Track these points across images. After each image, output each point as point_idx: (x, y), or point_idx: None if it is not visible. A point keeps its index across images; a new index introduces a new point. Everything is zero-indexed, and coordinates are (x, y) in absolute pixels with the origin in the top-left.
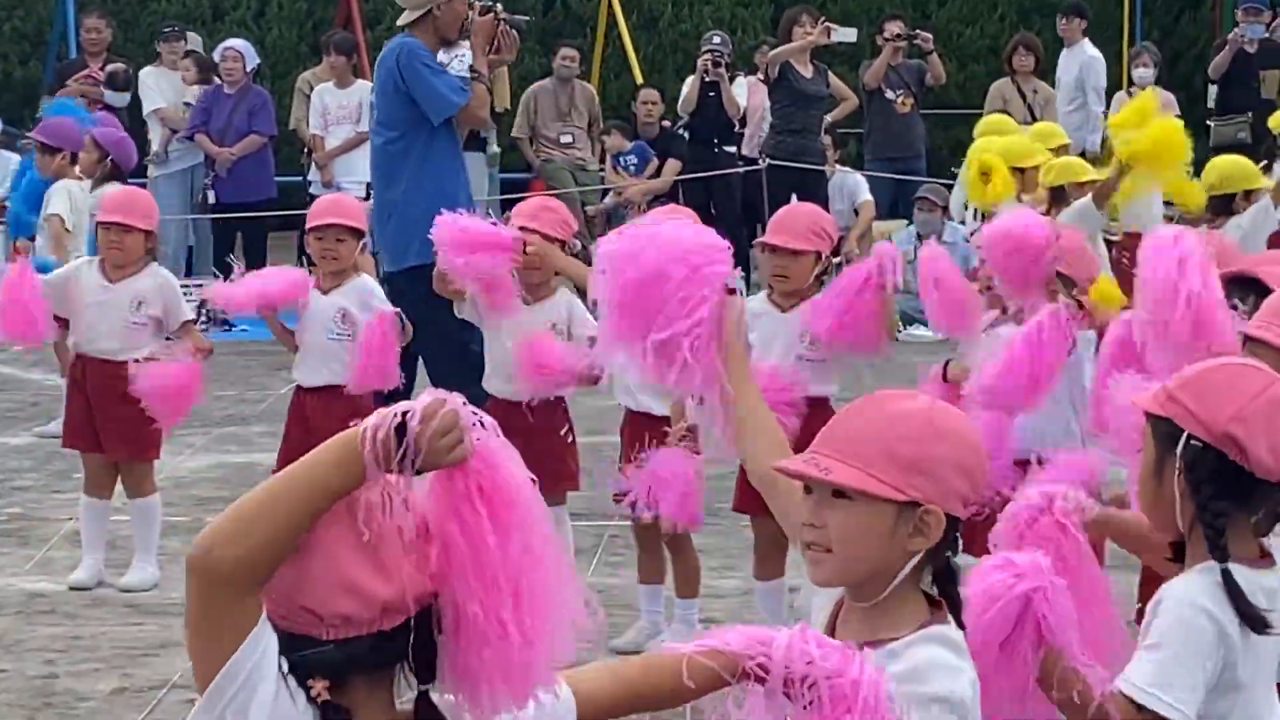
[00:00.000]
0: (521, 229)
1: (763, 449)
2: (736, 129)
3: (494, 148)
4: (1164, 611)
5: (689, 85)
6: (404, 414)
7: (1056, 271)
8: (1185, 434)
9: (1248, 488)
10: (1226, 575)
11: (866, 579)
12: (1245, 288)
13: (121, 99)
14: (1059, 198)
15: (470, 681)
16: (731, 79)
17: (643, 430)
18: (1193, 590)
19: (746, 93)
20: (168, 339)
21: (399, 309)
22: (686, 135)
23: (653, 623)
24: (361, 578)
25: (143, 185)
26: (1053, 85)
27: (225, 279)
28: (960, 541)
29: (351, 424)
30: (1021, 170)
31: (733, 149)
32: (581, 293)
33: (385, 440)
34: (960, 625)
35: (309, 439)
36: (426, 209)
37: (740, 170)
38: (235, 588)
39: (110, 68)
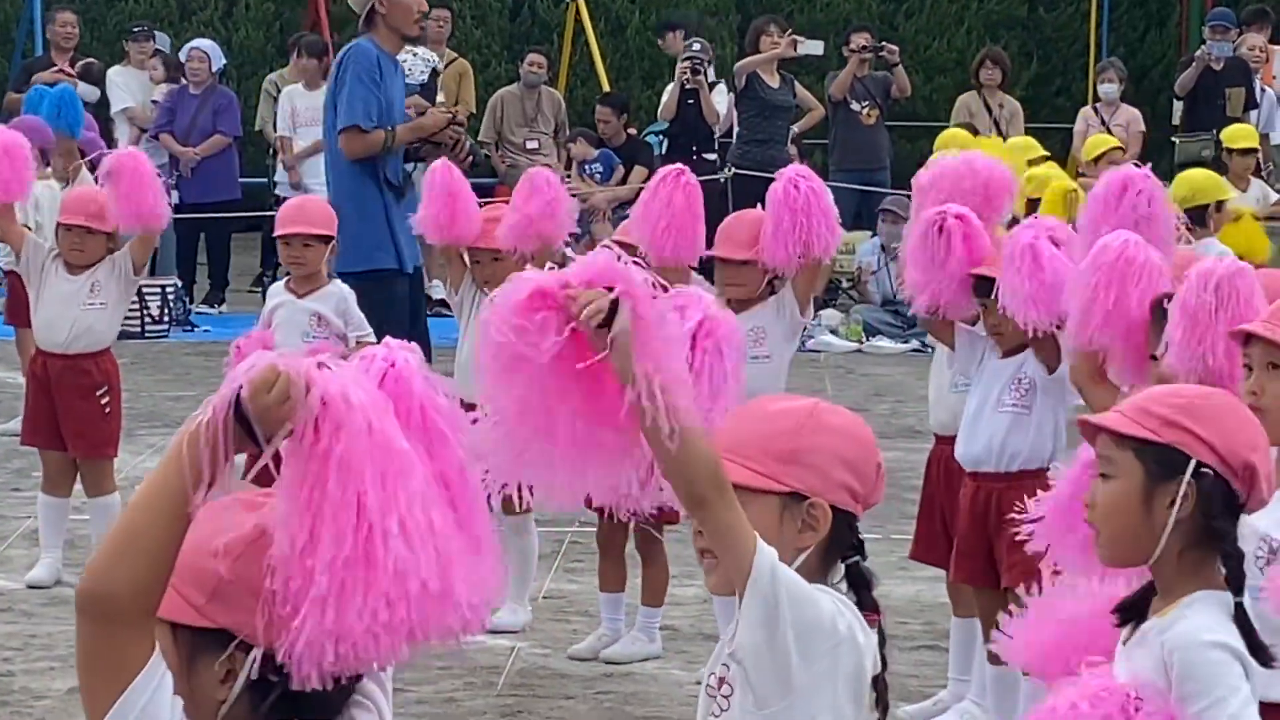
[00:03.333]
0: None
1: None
2: (717, 136)
3: None
4: (1191, 662)
5: (668, 93)
6: (238, 391)
7: None
8: (1194, 462)
9: (1235, 517)
10: (1240, 609)
11: None
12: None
13: (93, 94)
14: (1036, 208)
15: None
16: (712, 86)
17: None
18: (1203, 629)
19: (727, 101)
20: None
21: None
22: (665, 142)
23: (613, 630)
24: None
25: None
26: (1016, 98)
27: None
28: (863, 545)
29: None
30: None
31: (713, 156)
32: None
33: (225, 424)
34: (874, 613)
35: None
36: (349, 214)
37: (717, 178)
38: (130, 618)
39: (84, 62)
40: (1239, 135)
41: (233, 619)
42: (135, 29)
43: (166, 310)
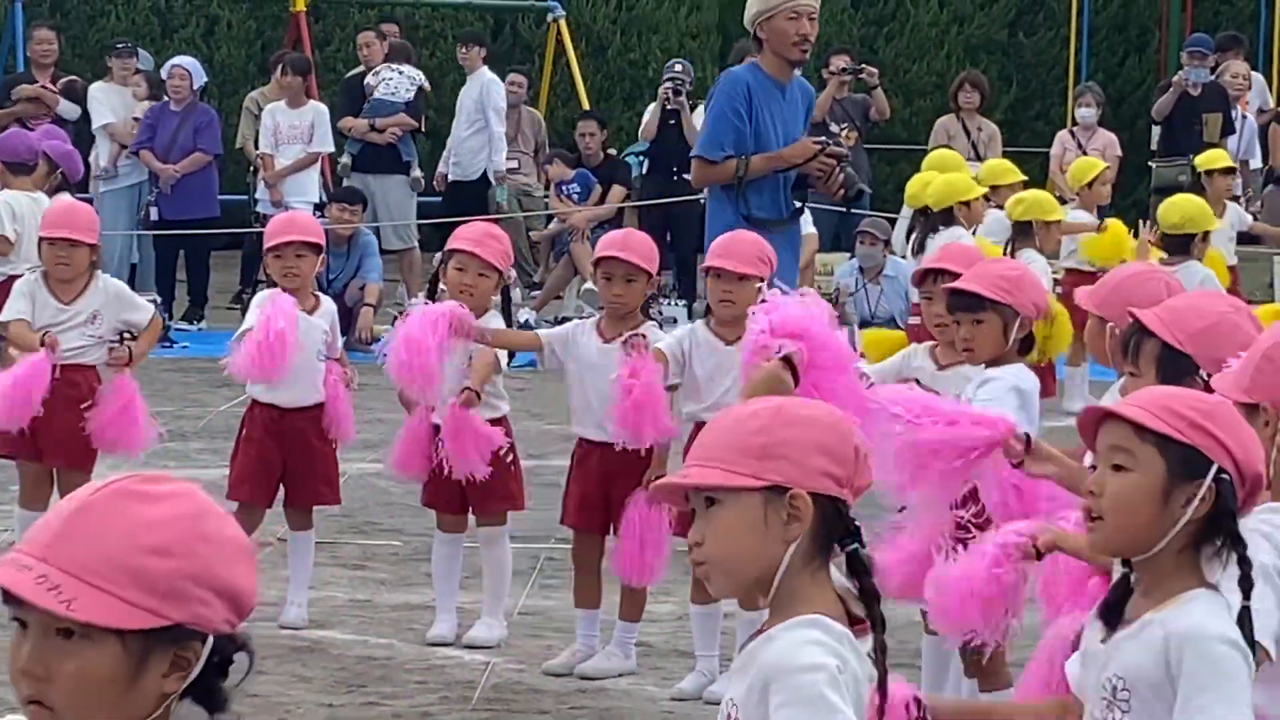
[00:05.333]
0: (459, 251)
1: None
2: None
3: (416, 171)
4: (1206, 654)
5: (650, 113)
6: None
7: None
8: (1215, 467)
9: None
10: (1247, 611)
11: (754, 581)
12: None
13: (74, 111)
14: (1023, 231)
15: None
16: (693, 107)
17: (595, 457)
18: (1216, 625)
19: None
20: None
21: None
22: (646, 162)
23: (588, 646)
24: None
25: (88, 200)
26: (995, 121)
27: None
28: (860, 530)
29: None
30: (967, 204)
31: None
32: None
33: None
34: (876, 616)
35: (284, 457)
36: None
37: (696, 199)
38: None
39: (67, 79)
40: (1216, 158)
41: (188, 612)
42: (119, 45)
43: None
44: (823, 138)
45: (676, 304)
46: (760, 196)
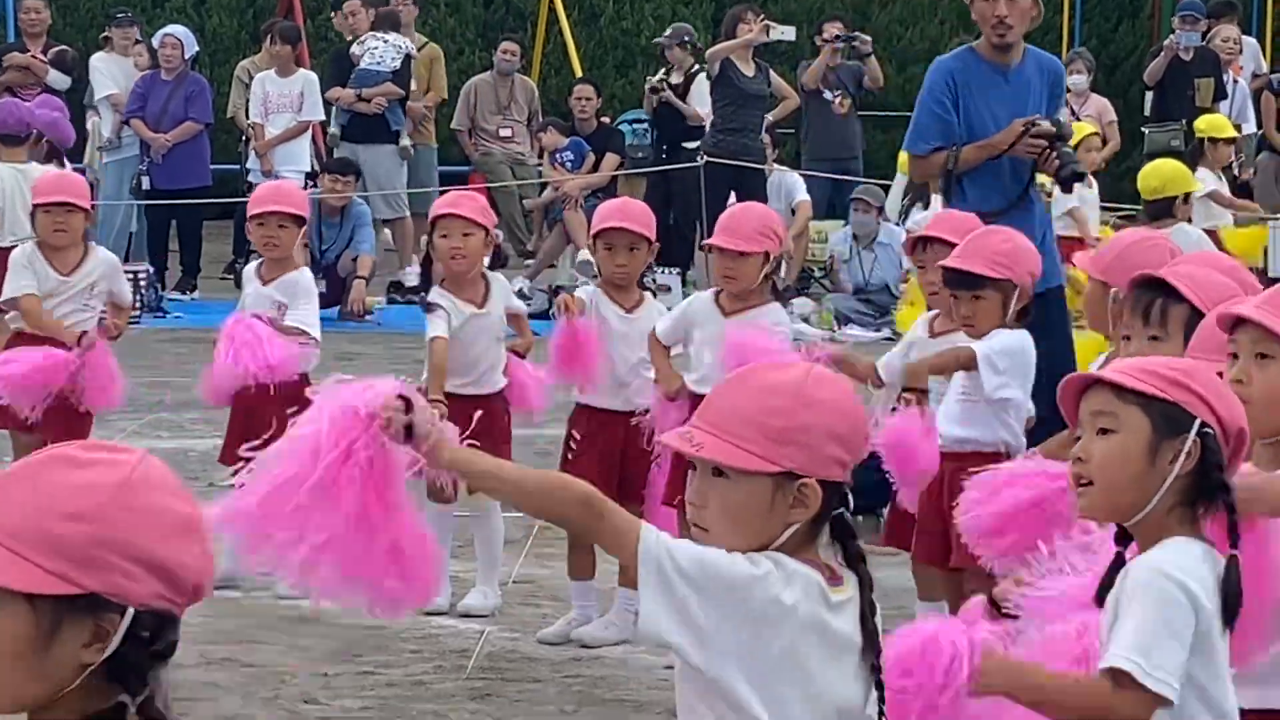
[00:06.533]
0: (440, 217)
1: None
2: (704, 125)
3: (406, 140)
4: (1140, 583)
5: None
6: None
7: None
8: (1198, 421)
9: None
10: (1234, 560)
11: (745, 551)
12: (1154, 291)
13: (64, 82)
14: None
15: None
16: (694, 76)
17: (596, 424)
18: (1169, 564)
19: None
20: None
21: None
22: (655, 131)
23: (584, 615)
24: None
25: (81, 171)
26: None
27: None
28: (849, 499)
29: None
30: None
31: (694, 145)
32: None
33: None
34: (863, 575)
35: (250, 426)
36: None
37: (686, 166)
38: None
39: (58, 49)
40: (1219, 125)
41: (104, 581)
42: (118, 15)
43: (139, 297)
44: (1030, 117)
45: (670, 272)
46: (978, 189)
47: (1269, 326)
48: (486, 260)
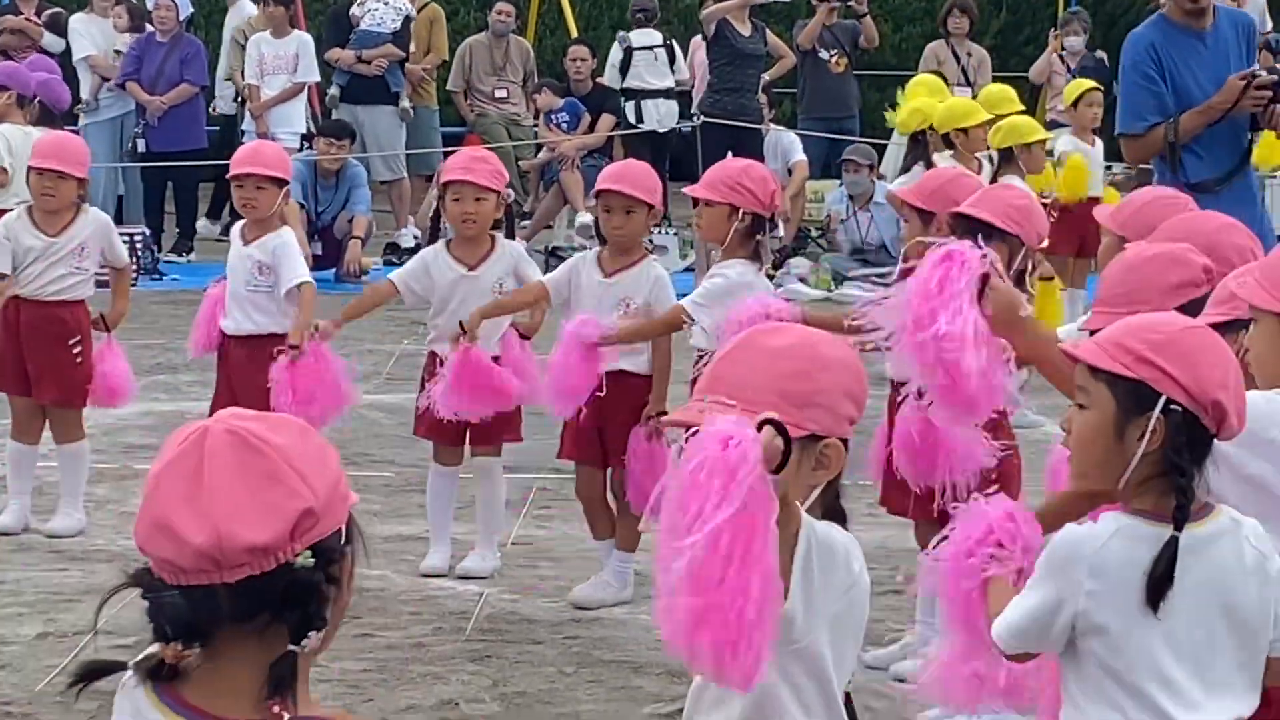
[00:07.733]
0: (452, 182)
1: None
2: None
3: (405, 101)
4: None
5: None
6: None
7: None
8: (1163, 397)
9: (1206, 449)
10: (1174, 541)
11: None
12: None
13: (58, 44)
14: (1007, 158)
15: None
16: (689, 37)
17: (613, 388)
18: (1081, 533)
19: (692, 51)
20: (102, 284)
21: None
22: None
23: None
24: None
25: (75, 132)
26: (985, 47)
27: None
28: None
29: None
30: (965, 130)
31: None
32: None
33: None
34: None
35: (232, 386)
36: None
37: (677, 127)
38: None
39: (51, 10)
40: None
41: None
42: None
43: (135, 259)
44: (1248, 70)
45: (667, 232)
46: (1197, 159)
47: (1246, 299)
48: (500, 217)
